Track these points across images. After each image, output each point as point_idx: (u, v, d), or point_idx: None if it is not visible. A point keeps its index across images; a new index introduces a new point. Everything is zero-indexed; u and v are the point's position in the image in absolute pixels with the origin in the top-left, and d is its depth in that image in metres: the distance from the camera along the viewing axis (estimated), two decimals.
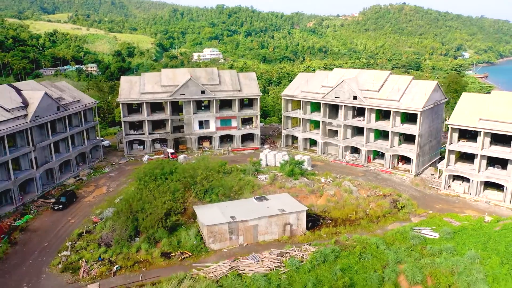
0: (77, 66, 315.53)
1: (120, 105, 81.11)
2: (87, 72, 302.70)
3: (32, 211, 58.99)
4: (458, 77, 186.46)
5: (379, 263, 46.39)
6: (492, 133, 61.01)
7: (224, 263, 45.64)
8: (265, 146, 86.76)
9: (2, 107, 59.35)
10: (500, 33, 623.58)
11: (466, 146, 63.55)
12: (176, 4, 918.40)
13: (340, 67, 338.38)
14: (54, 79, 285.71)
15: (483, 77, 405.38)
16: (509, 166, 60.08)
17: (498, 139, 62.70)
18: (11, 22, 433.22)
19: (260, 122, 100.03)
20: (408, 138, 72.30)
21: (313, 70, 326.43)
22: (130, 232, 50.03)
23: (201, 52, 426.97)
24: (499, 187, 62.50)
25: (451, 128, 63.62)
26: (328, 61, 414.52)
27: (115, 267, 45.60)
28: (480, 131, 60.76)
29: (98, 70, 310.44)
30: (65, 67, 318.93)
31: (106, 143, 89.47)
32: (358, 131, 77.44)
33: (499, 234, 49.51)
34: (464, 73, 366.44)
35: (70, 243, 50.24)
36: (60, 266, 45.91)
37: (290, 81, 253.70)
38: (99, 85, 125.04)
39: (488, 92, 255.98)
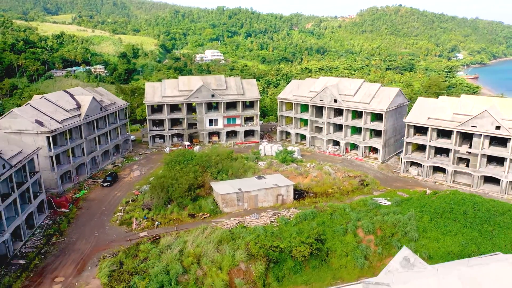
0: (85, 67, 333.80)
1: (146, 106, 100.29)
2: (95, 73, 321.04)
3: (85, 188, 78.05)
4: (438, 80, 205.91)
5: (344, 220, 65.43)
6: (437, 129, 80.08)
7: (234, 219, 64.77)
8: (264, 140, 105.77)
9: (63, 108, 78.38)
10: (494, 35, 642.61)
11: (419, 139, 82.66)
12: (177, 5, 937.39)
13: (336, 68, 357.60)
14: (65, 80, 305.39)
15: (473, 78, 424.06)
16: (450, 154, 79.15)
17: (442, 133, 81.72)
18: (19, 24, 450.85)
19: (260, 120, 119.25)
20: (377, 133, 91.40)
21: (310, 72, 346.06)
22: (165, 200, 69.04)
23: (203, 54, 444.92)
24: (443, 170, 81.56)
25: (408, 125, 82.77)
26: (325, 62, 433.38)
27: (156, 223, 64.67)
28: (428, 127, 79.85)
29: (106, 72, 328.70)
30: (74, 68, 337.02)
31: (132, 137, 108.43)
32: (338, 127, 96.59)
33: (433, 202, 68.54)
34: (455, 74, 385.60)
35: (122, 207, 69.34)
36: (117, 221, 65.02)
37: (288, 82, 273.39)
38: (123, 88, 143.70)
39: (475, 92, 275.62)
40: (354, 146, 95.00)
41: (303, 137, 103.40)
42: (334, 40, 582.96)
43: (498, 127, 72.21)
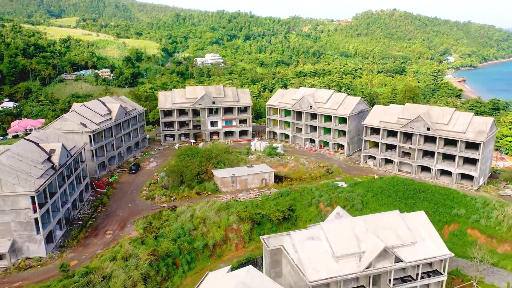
0: (94, 71, 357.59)
1: (159, 110, 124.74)
2: (103, 77, 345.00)
3: (116, 174, 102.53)
4: (412, 86, 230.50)
5: (310, 197, 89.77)
6: (387, 130, 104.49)
7: (229, 195, 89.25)
8: (255, 139, 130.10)
9: (98, 114, 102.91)
10: (485, 38, 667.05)
11: (373, 137, 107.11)
12: (178, 7, 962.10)
13: (330, 72, 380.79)
14: (75, 83, 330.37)
15: (461, 80, 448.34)
16: (396, 149, 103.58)
17: (391, 133, 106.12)
18: (27, 29, 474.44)
19: (253, 122, 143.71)
20: (343, 133, 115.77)
21: (304, 76, 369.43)
22: (178, 182, 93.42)
23: (203, 57, 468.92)
24: (392, 161, 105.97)
25: (365, 126, 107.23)
26: (320, 66, 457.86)
27: (172, 198, 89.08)
28: (380, 128, 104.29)
29: (112, 75, 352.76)
30: (82, 72, 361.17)
31: (147, 136, 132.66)
32: (314, 128, 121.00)
33: (377, 184, 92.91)
34: (442, 77, 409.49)
35: (146, 188, 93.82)
36: (144, 197, 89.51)
37: (282, 85, 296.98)
38: (137, 94, 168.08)
39: (459, 96, 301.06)
40: (326, 143, 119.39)
41: (286, 136, 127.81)
42: (330, 43, 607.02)
43: (428, 128, 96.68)
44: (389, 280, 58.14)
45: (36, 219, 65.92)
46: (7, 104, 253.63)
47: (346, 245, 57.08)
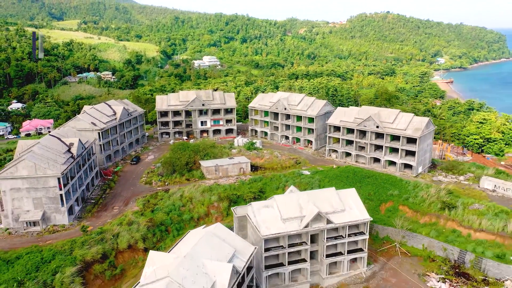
0: (97, 74, 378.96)
1: (157, 112, 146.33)
2: (104, 79, 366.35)
3: (120, 165, 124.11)
4: (387, 89, 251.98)
5: (278, 182, 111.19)
6: (346, 128, 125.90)
7: (212, 181, 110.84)
8: (239, 136, 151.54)
9: (105, 114, 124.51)
10: (476, 40, 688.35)
11: (336, 134, 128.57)
12: (177, 9, 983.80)
13: (321, 74, 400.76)
14: (79, 85, 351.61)
15: (448, 82, 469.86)
16: (353, 144, 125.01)
17: (350, 131, 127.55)
18: (31, 32, 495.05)
19: (241, 121, 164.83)
20: (312, 131, 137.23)
21: (297, 78, 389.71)
22: (171, 171, 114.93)
23: (201, 60, 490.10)
24: (350, 154, 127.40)
25: (329, 125, 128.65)
26: (313, 67, 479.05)
27: (166, 183, 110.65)
28: (340, 126, 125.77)
29: (114, 78, 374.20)
30: (85, 74, 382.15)
31: (146, 134, 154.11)
32: (288, 127, 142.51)
33: (334, 171, 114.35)
34: (428, 79, 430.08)
35: (144, 175, 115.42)
36: (143, 182, 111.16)
37: (275, 87, 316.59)
38: (138, 97, 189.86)
39: (442, 97, 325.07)
40: (298, 139, 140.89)
41: (266, 133, 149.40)
42: (325, 45, 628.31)
43: (377, 127, 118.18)
44: (324, 237, 79.64)
45: (61, 195, 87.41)
46: (16, 105, 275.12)
47: (291, 211, 78.63)
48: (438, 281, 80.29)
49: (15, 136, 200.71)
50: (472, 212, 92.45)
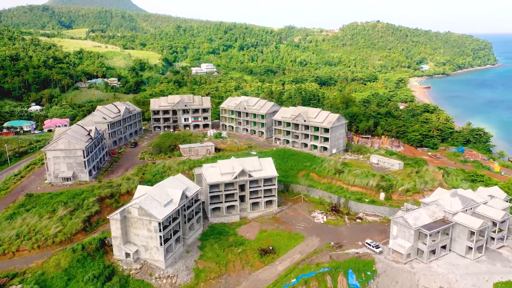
0: (104, 80, 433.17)
1: (151, 111, 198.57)
2: (111, 85, 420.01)
3: (122, 148, 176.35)
4: (347, 94, 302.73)
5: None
6: (285, 122, 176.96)
7: (186, 158, 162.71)
8: (213, 129, 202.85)
9: (112, 112, 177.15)
10: (462, 47, 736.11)
11: (279, 127, 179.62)
12: (181, 17, 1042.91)
13: (306, 80, 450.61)
14: (89, 90, 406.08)
15: (426, 87, 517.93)
16: (291, 133, 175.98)
17: (288, 124, 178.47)
18: (44, 41, 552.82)
19: (217, 119, 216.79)
20: (263, 125, 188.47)
21: (284, 84, 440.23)
22: (158, 151, 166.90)
23: (199, 67, 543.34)
24: (289, 141, 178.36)
25: (274, 120, 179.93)
26: (302, 73, 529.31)
27: (154, 159, 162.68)
28: (282, 121, 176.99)
29: (119, 83, 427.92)
30: (93, 80, 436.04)
31: (143, 127, 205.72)
32: (247, 122, 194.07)
33: (272, 152, 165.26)
34: (403, 85, 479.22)
35: (140, 154, 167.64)
36: (139, 158, 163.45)
37: (261, 91, 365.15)
38: (137, 99, 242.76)
39: (411, 101, 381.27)
40: (255, 131, 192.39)
41: (232, 127, 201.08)
42: (317, 52, 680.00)
43: (305, 121, 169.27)
44: (247, 186, 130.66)
45: (84, 162, 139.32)
46: (35, 107, 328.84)
47: (227, 169, 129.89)
48: (318, 214, 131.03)
49: (40, 131, 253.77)
50: (353, 175, 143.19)
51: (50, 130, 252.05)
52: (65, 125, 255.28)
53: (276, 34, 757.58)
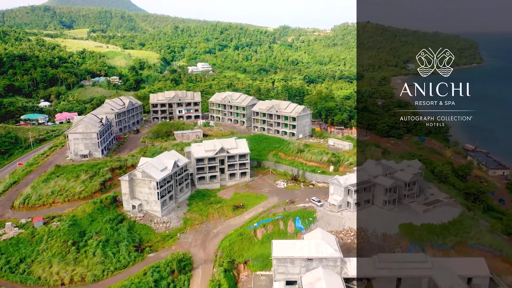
0: (106, 78, 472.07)
1: (150, 104, 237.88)
2: (113, 83, 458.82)
3: (127, 134, 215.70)
4: (323, 90, 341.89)
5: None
6: (262, 112, 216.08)
7: (179, 141, 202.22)
8: (203, 119, 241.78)
9: (119, 104, 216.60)
10: (448, 47, 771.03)
11: (257, 117, 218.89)
12: (179, 17, 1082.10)
13: (294, 78, 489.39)
14: (92, 88, 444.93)
15: (410, 85, 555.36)
16: (266, 121, 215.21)
17: (265, 114, 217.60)
18: (49, 42, 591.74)
19: (207, 112, 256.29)
20: (244, 115, 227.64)
21: (273, 82, 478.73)
22: (156, 136, 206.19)
23: (195, 66, 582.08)
24: (265, 129, 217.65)
25: (253, 111, 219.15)
26: (292, 72, 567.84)
27: (153, 142, 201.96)
28: (259, 112, 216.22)
29: (120, 81, 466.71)
30: (97, 78, 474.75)
31: (143, 118, 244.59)
32: (231, 113, 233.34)
33: (250, 136, 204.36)
34: (386, 82, 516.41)
35: (141, 138, 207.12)
36: (141, 141, 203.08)
37: (252, 90, 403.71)
38: (138, 95, 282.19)
39: (390, 98, 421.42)
40: (237, 121, 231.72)
41: (219, 118, 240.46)
42: (308, 52, 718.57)
43: (277, 111, 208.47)
44: (226, 160, 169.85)
45: (98, 142, 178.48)
46: (43, 103, 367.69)
47: (209, 147, 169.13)
48: (281, 182, 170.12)
49: (52, 123, 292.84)
50: (311, 153, 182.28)
51: (61, 122, 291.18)
52: (72, 119, 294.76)
53: (270, 34, 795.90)
